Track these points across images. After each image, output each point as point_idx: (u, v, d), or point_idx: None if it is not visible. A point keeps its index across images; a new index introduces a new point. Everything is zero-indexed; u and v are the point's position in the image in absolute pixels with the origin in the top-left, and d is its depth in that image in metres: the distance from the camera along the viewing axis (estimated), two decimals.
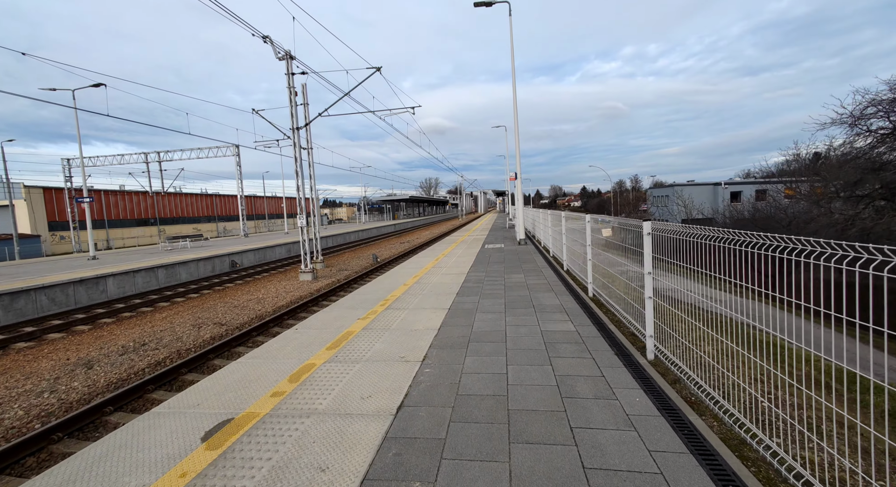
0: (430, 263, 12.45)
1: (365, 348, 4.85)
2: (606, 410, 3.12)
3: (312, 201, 20.97)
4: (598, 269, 7.22)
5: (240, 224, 38.11)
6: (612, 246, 6.48)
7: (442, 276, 9.79)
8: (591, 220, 7.07)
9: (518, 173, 16.48)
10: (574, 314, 5.98)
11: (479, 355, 4.47)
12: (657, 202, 58.99)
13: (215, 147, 37.56)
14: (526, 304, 6.65)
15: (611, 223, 6.02)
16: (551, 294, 7.37)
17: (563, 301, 6.81)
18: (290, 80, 15.94)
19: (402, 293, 8.03)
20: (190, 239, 28.03)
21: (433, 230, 47.81)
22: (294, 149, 16.34)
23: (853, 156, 13.89)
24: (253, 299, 13.25)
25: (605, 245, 6.78)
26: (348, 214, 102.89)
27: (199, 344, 8.53)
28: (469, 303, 6.90)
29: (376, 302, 7.34)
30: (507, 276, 9.42)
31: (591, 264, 7.17)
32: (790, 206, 32.04)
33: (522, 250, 14.79)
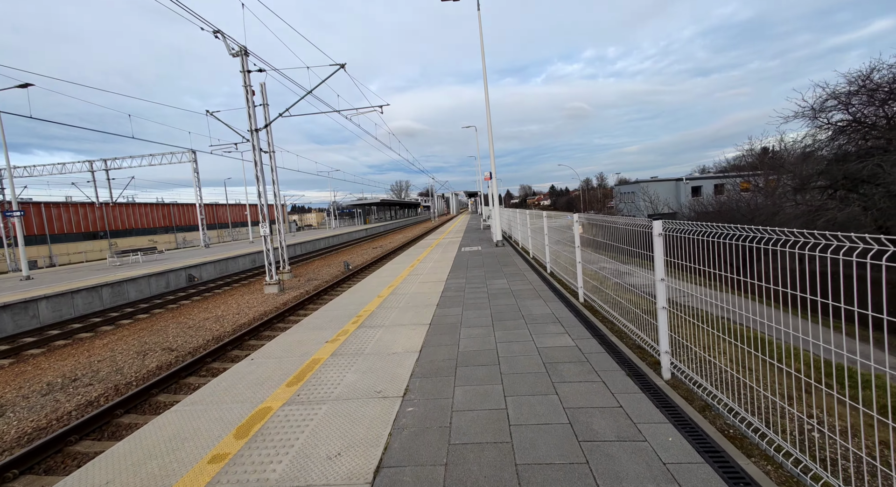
0: (406, 270, 11.69)
1: (334, 381, 4.07)
2: (637, 458, 2.51)
3: (277, 207, 19.75)
4: (587, 271, 6.71)
5: (200, 234, 35.86)
6: (600, 247, 5.98)
7: (419, 285, 9.06)
8: (578, 220, 6.55)
9: (493, 173, 15.98)
10: (569, 324, 5.41)
11: (471, 383, 3.79)
12: (624, 198, 60.46)
13: (169, 153, 35.27)
14: (515, 315, 6.03)
15: (604, 223, 5.50)
16: (539, 301, 6.80)
17: (554, 309, 6.24)
18: (246, 77, 14.78)
19: (376, 306, 7.26)
20: (142, 252, 25.93)
21: (406, 233, 46.90)
22: (253, 152, 15.17)
23: (815, 148, 14.25)
24: (211, 317, 12.04)
25: (593, 245, 6.28)
26: (318, 220, 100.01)
27: (142, 376, 7.41)
28: (452, 316, 6.21)
29: (347, 318, 6.53)
30: (489, 282, 8.81)
31: (581, 267, 6.65)
32: (752, 199, 33.34)
33: (501, 252, 14.27)
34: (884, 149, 12.50)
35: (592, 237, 6.31)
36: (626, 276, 4.99)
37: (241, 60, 14.74)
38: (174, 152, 35.21)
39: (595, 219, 5.68)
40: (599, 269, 5.97)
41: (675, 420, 2.92)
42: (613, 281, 5.41)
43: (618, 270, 5.26)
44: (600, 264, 6.06)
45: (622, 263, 4.88)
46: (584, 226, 6.53)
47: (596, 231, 6.09)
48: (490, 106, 15.50)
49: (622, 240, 4.92)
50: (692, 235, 3.23)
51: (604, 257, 5.78)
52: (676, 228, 3.42)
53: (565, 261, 8.19)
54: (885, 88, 12.19)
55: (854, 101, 13.01)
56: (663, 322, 3.65)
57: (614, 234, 5.28)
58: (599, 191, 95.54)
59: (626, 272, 5.05)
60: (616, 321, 5.28)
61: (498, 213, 16.36)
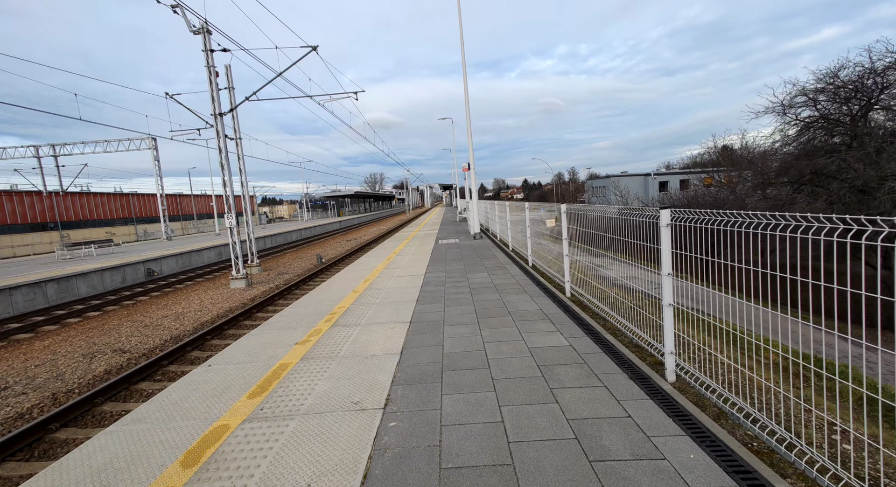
0: (382, 263, 11.17)
1: (304, 391, 3.58)
2: (661, 483, 2.18)
3: (245, 198, 18.69)
4: (574, 264, 6.44)
5: (165, 226, 33.86)
6: (588, 239, 5.70)
7: (397, 279, 8.59)
8: (567, 211, 6.24)
9: (471, 163, 15.58)
10: (559, 321, 5.10)
11: (460, 391, 3.40)
12: (596, 192, 61.62)
13: (127, 139, 32.98)
14: (500, 311, 5.68)
15: (596, 213, 5.19)
16: (525, 296, 6.48)
17: (542, 304, 5.92)
18: (209, 57, 13.69)
19: (351, 302, 6.74)
20: (96, 244, 24.13)
21: (381, 226, 46.03)
22: (217, 138, 14.14)
23: (784, 143, 14.62)
24: (170, 315, 11.15)
25: (581, 237, 6.00)
26: (290, 212, 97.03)
27: (86, 383, 6.64)
28: (434, 313, 5.79)
29: (320, 316, 6.00)
30: (470, 276, 8.43)
31: (569, 261, 6.36)
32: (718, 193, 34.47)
33: (479, 245, 13.94)
34: (848, 145, 12.92)
35: (580, 228, 6.02)
36: (618, 270, 4.71)
37: (202, 38, 13.63)
38: (132, 138, 32.93)
39: (588, 210, 5.37)
40: (589, 263, 5.69)
41: (692, 431, 2.62)
42: (605, 275, 5.13)
43: (609, 264, 4.97)
44: (589, 257, 5.78)
45: (620, 257, 4.58)
46: (571, 217, 6.22)
47: (585, 222, 5.80)
48: (468, 90, 15.04)
49: (616, 231, 4.63)
50: (708, 225, 2.93)
51: (594, 250, 5.50)
52: (689, 218, 3.11)
53: (550, 254, 7.91)
54: (849, 86, 12.57)
55: (821, 98, 13.37)
56: (669, 320, 3.36)
57: (607, 225, 4.99)
58: (571, 185, 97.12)
59: (617, 266, 4.77)
60: (609, 317, 5.01)
61: (476, 206, 16.00)
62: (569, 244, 6.30)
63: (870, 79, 12.26)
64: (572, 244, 6.28)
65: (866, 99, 12.31)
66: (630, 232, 4.25)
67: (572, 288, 6.40)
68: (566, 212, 6.24)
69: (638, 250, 4.38)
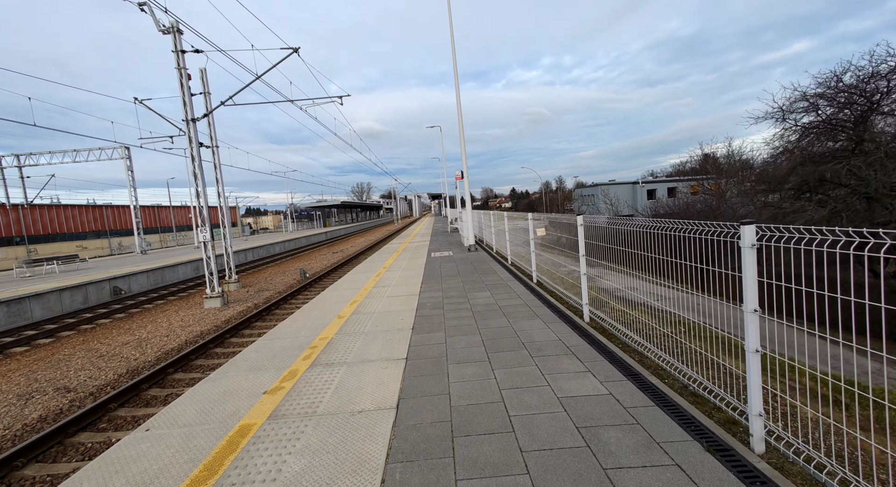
0: (371, 280, 10.21)
1: (266, 474, 2.63)
2: None
3: (222, 208, 17.55)
4: (586, 281, 5.63)
5: (139, 239, 32.22)
6: (606, 253, 4.91)
7: (388, 300, 7.66)
8: (583, 224, 5.44)
9: (465, 172, 14.81)
10: (586, 356, 4.24)
11: (481, 473, 2.49)
12: (586, 200, 61.77)
13: (98, 148, 31.40)
14: (513, 343, 4.80)
15: (629, 227, 4.39)
16: (537, 321, 5.62)
17: (559, 332, 5.07)
18: (180, 58, 12.71)
19: (335, 331, 5.79)
20: (60, 261, 22.53)
21: (368, 237, 44.93)
22: (189, 145, 13.09)
23: (786, 148, 14.25)
24: (132, 341, 9.96)
25: (598, 252, 5.20)
26: (275, 223, 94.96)
27: (11, 436, 5.49)
28: (434, 346, 4.88)
29: (297, 351, 5.03)
30: (470, 295, 7.56)
31: (587, 279, 5.55)
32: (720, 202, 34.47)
33: (475, 258, 13.10)
34: (851, 150, 12.57)
35: (599, 243, 5.23)
36: (655, 294, 3.91)
37: (173, 38, 12.65)
38: (104, 148, 31.40)
39: (618, 223, 4.56)
40: (613, 287, 4.88)
41: None
42: (638, 299, 4.32)
43: (645, 289, 4.17)
44: (611, 276, 4.97)
45: (662, 281, 3.77)
46: (589, 232, 5.43)
47: (606, 237, 5.01)
48: (453, 109, 14.34)
49: (655, 248, 3.83)
50: (815, 246, 2.13)
51: (618, 268, 4.69)
52: (784, 236, 2.31)
53: (560, 271, 7.10)
54: (852, 90, 12.28)
55: (821, 103, 13.06)
56: (756, 372, 2.53)
57: (638, 241, 4.19)
58: (560, 194, 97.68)
59: (656, 290, 3.96)
60: (647, 351, 4.18)
61: (470, 216, 15.21)
62: (587, 261, 5.49)
63: (871, 83, 11.99)
64: (591, 263, 5.47)
65: (869, 103, 12.02)
66: (680, 250, 3.46)
67: (592, 312, 5.57)
68: (583, 226, 5.44)
69: (679, 270, 3.59)
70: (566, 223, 6.40)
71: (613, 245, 4.83)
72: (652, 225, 3.78)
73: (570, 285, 6.58)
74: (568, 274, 6.62)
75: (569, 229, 6.35)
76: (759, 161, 20.31)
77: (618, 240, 4.63)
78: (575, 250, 5.86)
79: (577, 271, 5.80)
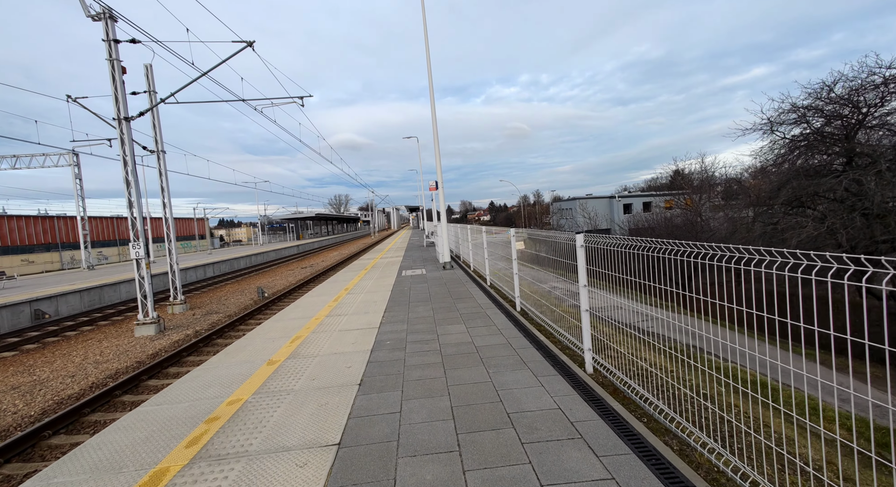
0: (327, 305, 8.67)
1: None
2: None
3: (167, 220, 15.66)
4: (588, 320, 4.35)
5: (86, 252, 29.42)
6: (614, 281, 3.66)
7: (339, 335, 6.16)
8: (584, 243, 4.17)
9: (439, 182, 13.54)
10: (602, 443, 2.90)
11: None
12: (564, 214, 61.73)
13: (41, 154, 28.67)
14: (495, 414, 3.41)
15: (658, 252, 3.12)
16: (525, 372, 4.26)
17: (556, 393, 3.72)
18: (111, 48, 11.06)
19: (256, 387, 4.27)
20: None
21: (342, 250, 43.00)
22: (122, 147, 11.33)
23: (777, 161, 13.65)
24: (25, 384, 8.05)
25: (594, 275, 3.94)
26: (248, 235, 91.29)
27: None
28: (383, 419, 3.44)
29: (187, 427, 3.50)
30: (441, 329, 6.15)
31: (589, 317, 4.25)
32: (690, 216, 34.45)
33: (450, 277, 11.73)
34: (844, 163, 12.01)
35: (612, 273, 3.97)
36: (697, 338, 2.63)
37: (104, 26, 11.02)
38: (48, 154, 28.70)
39: (637, 246, 3.28)
40: (638, 332, 3.60)
41: None
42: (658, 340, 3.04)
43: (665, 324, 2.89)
44: (611, 304, 3.70)
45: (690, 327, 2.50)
46: (591, 253, 4.18)
47: (616, 261, 3.74)
48: (436, 111, 13.15)
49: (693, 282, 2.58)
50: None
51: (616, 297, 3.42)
52: None
53: (549, 299, 5.80)
54: (843, 101, 11.78)
55: (810, 115, 12.53)
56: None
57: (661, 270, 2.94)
58: (538, 208, 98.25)
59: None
60: (693, 439, 2.87)
61: (445, 231, 13.89)
62: (588, 294, 4.21)
63: (861, 95, 11.52)
64: (593, 294, 4.19)
65: (859, 114, 11.52)
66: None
67: (596, 361, 4.26)
68: (584, 247, 4.16)
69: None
70: (557, 242, 5.13)
71: (625, 275, 3.57)
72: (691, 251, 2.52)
73: (560, 318, 5.27)
74: (556, 301, 5.32)
75: (559, 249, 5.09)
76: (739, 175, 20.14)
77: (633, 266, 3.36)
78: (566, 272, 4.59)
79: (566, 299, 4.51)
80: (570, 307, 5.09)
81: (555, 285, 5.64)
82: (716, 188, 42.86)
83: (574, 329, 4.88)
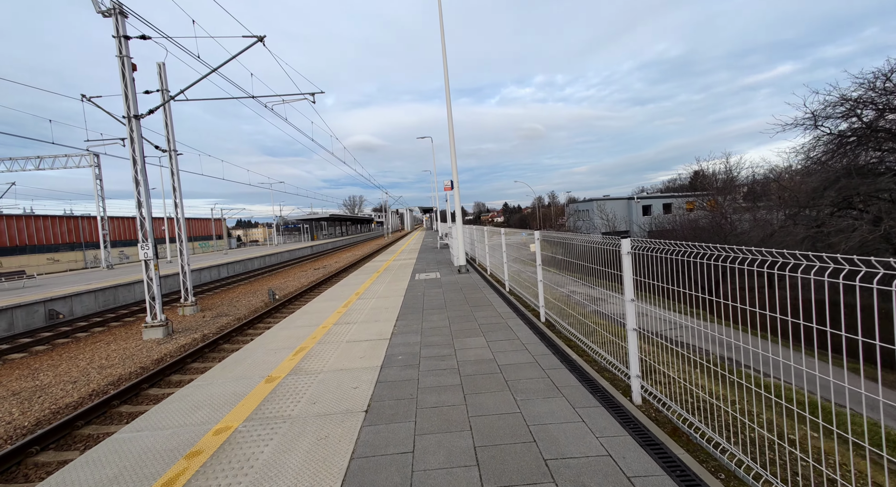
0: (336, 311, 8.16)
1: None
2: None
3: (178, 221, 15.48)
4: (636, 343, 3.69)
5: (106, 252, 29.85)
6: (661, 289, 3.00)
7: (346, 348, 5.62)
8: (632, 249, 3.52)
9: (455, 181, 12.94)
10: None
11: None
12: (581, 215, 60.41)
13: (64, 155, 29.19)
14: (530, 460, 2.78)
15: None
16: (560, 401, 3.62)
17: (603, 432, 3.08)
18: (122, 45, 10.82)
19: (248, 413, 3.74)
20: (3, 278, 20.15)
21: (355, 251, 42.82)
22: (131, 145, 11.08)
23: (820, 159, 12.61)
24: (27, 390, 7.77)
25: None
26: (264, 235, 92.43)
27: None
28: (391, 461, 2.86)
29: (163, 464, 2.98)
30: (458, 342, 5.55)
31: (637, 338, 3.59)
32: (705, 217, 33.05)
33: (466, 282, 11.11)
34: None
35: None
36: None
37: (114, 22, 10.79)
38: (70, 155, 29.21)
39: (725, 257, 2.62)
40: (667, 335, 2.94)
41: None
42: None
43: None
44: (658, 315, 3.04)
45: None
46: (638, 260, 3.52)
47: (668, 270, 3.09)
48: (451, 109, 12.57)
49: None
50: None
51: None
52: None
53: (579, 310, 5.13)
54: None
55: (861, 108, 11.48)
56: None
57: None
58: (553, 209, 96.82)
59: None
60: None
61: (461, 233, 13.28)
62: (635, 308, 3.54)
63: None
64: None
65: None
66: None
67: (646, 390, 3.60)
68: (630, 253, 3.51)
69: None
70: (593, 248, 4.46)
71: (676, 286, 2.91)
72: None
73: (592, 332, 4.60)
74: (583, 308, 4.65)
75: (593, 255, 4.42)
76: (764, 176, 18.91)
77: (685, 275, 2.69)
78: (601, 280, 3.95)
79: (592, 307, 3.85)
80: (600, 317, 4.43)
81: (587, 294, 4.97)
82: (741, 189, 41.09)
83: (609, 344, 4.22)
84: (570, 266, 5.42)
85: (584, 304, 5.12)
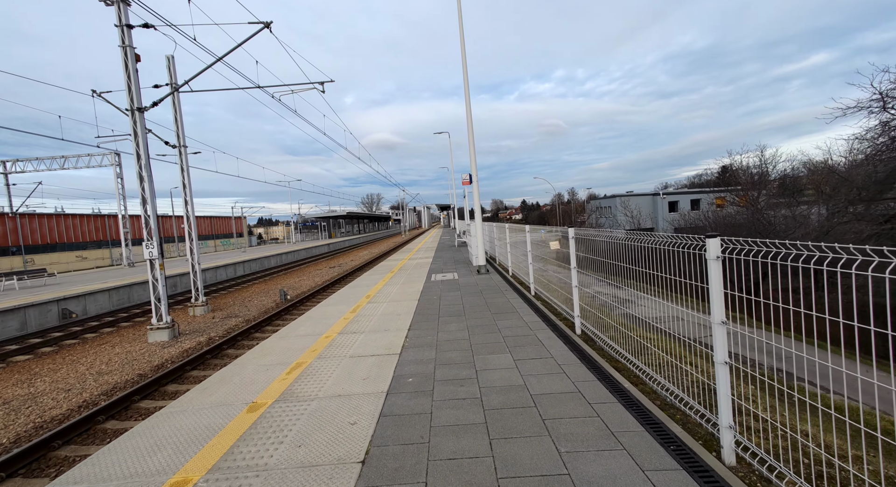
0: (343, 317, 7.40)
1: None
2: None
3: (189, 218, 15.10)
4: (727, 381, 2.73)
5: (127, 250, 30.20)
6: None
7: (350, 365, 4.82)
8: (722, 254, 2.56)
9: (473, 175, 12.03)
10: None
11: None
12: (604, 212, 58.46)
13: (87, 155, 29.59)
14: None
15: None
16: (621, 456, 2.71)
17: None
18: (125, 34, 10.32)
19: (221, 455, 2.97)
20: (28, 275, 20.36)
21: (372, 249, 42.37)
22: (135, 139, 10.60)
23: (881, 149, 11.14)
24: (18, 398, 7.31)
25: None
26: (284, 233, 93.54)
27: None
28: None
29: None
30: (479, 361, 4.67)
31: (728, 374, 2.64)
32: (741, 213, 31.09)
33: (486, 284, 10.21)
34: None
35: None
36: None
37: (116, 10, 10.29)
38: (93, 154, 29.59)
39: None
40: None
41: None
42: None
43: None
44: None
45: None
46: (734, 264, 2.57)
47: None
48: (470, 106, 11.65)
49: None
50: None
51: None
52: None
53: (628, 326, 4.17)
54: None
55: None
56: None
57: None
58: (573, 206, 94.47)
59: None
60: None
61: (481, 231, 12.36)
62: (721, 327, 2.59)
63: None
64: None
65: None
66: None
67: (740, 442, 2.64)
68: (720, 258, 2.55)
69: None
70: (656, 248, 3.49)
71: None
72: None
73: (642, 350, 3.63)
74: (642, 330, 3.68)
75: (641, 257, 3.47)
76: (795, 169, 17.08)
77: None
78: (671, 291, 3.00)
79: (717, 359, 2.90)
80: (660, 333, 3.47)
81: (639, 305, 4.01)
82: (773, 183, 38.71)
83: (669, 367, 3.26)
84: (616, 270, 4.46)
85: (644, 321, 4.16)
